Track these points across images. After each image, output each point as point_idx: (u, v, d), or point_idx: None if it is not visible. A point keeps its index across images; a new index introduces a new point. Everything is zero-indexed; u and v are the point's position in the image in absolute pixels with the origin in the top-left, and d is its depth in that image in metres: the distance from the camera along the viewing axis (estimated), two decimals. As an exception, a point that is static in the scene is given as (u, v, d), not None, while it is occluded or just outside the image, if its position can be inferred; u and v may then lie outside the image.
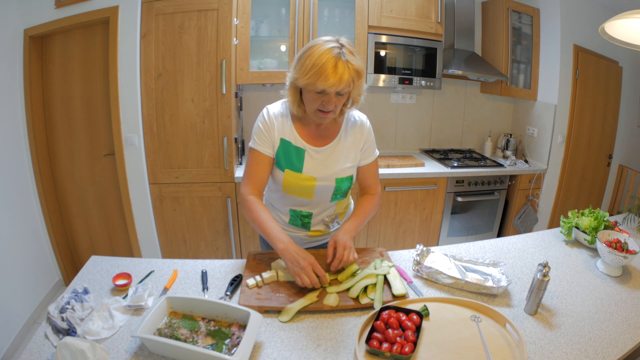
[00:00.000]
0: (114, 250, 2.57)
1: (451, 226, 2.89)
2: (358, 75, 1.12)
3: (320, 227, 1.40)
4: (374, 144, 1.38)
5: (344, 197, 1.37)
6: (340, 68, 1.06)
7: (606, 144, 3.34)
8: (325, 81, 1.06)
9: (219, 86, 2.16)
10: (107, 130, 2.28)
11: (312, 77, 1.07)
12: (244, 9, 2.25)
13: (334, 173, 1.28)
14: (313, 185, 1.27)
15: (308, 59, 1.07)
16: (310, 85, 1.09)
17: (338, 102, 1.14)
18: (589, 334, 1.03)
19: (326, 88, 1.07)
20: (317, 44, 1.09)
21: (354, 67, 1.09)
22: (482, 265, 1.30)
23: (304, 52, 1.11)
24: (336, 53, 1.07)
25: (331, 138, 1.28)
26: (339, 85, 1.07)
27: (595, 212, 1.53)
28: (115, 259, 1.30)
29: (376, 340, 0.93)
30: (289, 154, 1.26)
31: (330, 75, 1.05)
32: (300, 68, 1.10)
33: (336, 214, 1.41)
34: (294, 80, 1.14)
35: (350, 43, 1.14)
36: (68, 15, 2.06)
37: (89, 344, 0.87)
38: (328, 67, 1.05)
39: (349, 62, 1.08)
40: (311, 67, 1.06)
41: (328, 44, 1.08)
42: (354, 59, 1.10)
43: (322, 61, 1.05)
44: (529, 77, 3.05)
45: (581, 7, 2.80)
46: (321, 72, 1.05)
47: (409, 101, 3.10)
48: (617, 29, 1.33)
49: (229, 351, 0.90)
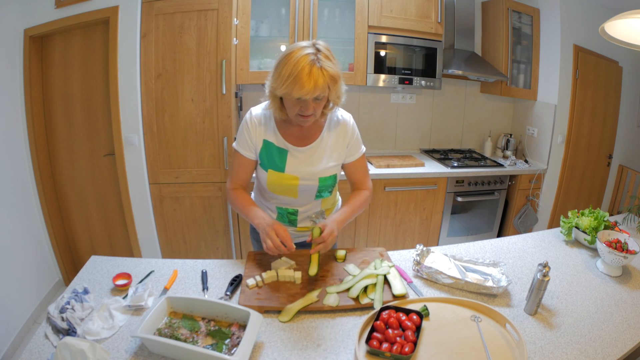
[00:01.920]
0: (114, 250, 2.57)
1: (451, 226, 2.89)
2: (333, 80, 1.12)
3: (307, 223, 1.42)
4: (359, 140, 1.38)
5: (329, 195, 1.39)
6: (315, 74, 1.07)
7: (606, 144, 3.34)
8: (300, 89, 1.07)
9: (219, 86, 2.16)
10: (107, 130, 2.28)
11: (288, 87, 1.08)
12: (244, 9, 2.25)
13: (316, 172, 1.30)
14: (296, 184, 1.30)
15: (284, 68, 1.08)
16: (287, 94, 1.11)
17: (317, 106, 1.16)
18: (589, 334, 1.03)
19: (301, 96, 1.09)
20: (293, 51, 1.10)
21: (329, 74, 1.09)
22: (482, 265, 1.30)
23: (281, 60, 1.11)
24: (311, 60, 1.07)
25: (314, 138, 1.30)
26: (314, 92, 1.08)
27: (595, 212, 1.53)
28: (115, 259, 1.31)
29: (376, 340, 0.93)
30: (272, 154, 1.29)
31: (305, 82, 1.06)
32: (278, 77, 1.10)
33: (322, 211, 1.41)
34: (273, 89, 1.15)
35: (327, 47, 1.14)
36: (68, 15, 2.06)
37: (89, 344, 0.87)
38: (303, 74, 1.06)
39: (324, 69, 1.08)
40: (287, 76, 1.07)
41: (304, 50, 1.09)
42: (330, 64, 1.10)
43: (297, 69, 1.06)
44: (529, 77, 3.05)
45: (581, 7, 2.80)
46: (296, 80, 1.06)
47: (409, 101, 3.10)
48: (617, 29, 1.33)
49: (229, 351, 0.90)
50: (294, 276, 1.18)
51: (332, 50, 1.15)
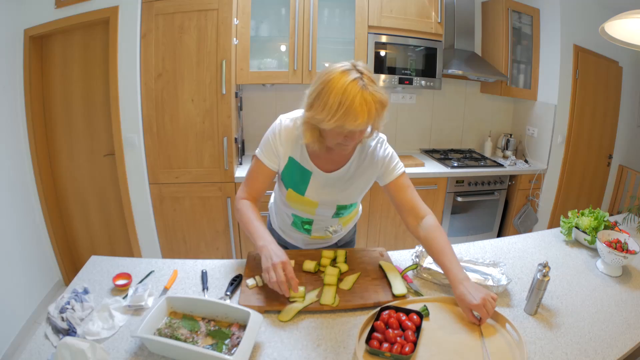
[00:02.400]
0: (114, 250, 2.57)
1: (451, 226, 2.89)
2: (382, 107, 1.01)
3: (322, 233, 1.39)
4: (393, 160, 1.24)
5: (348, 214, 1.36)
6: (368, 105, 0.96)
7: (606, 144, 3.34)
8: (354, 121, 0.96)
9: (219, 86, 2.16)
10: (107, 130, 2.28)
11: (340, 119, 0.96)
12: (244, 9, 2.25)
13: (336, 200, 1.26)
14: (314, 208, 1.28)
15: (331, 97, 0.96)
16: (338, 127, 0.99)
17: (361, 134, 1.08)
18: (589, 334, 1.03)
19: (355, 128, 0.98)
20: (335, 76, 0.97)
21: (378, 100, 0.98)
22: (482, 266, 1.30)
23: (323, 88, 0.98)
24: (361, 86, 0.96)
25: (341, 163, 1.21)
26: (368, 122, 0.99)
27: (595, 212, 1.53)
28: (115, 259, 1.30)
29: (376, 340, 0.93)
30: (295, 175, 1.22)
31: (359, 114, 0.95)
32: (324, 109, 0.97)
33: (339, 224, 1.39)
34: (317, 122, 1.02)
35: (367, 67, 1.03)
36: (68, 15, 2.06)
37: (89, 344, 0.87)
38: (355, 104, 0.94)
39: (373, 95, 0.97)
40: (338, 106, 0.95)
41: (349, 75, 0.97)
42: (377, 88, 0.99)
43: (348, 99, 0.94)
44: (529, 77, 3.05)
45: (581, 7, 2.80)
46: (349, 111, 0.95)
47: (409, 101, 3.10)
48: (617, 29, 1.33)
49: (229, 351, 0.90)
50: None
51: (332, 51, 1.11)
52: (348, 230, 1.47)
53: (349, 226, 1.46)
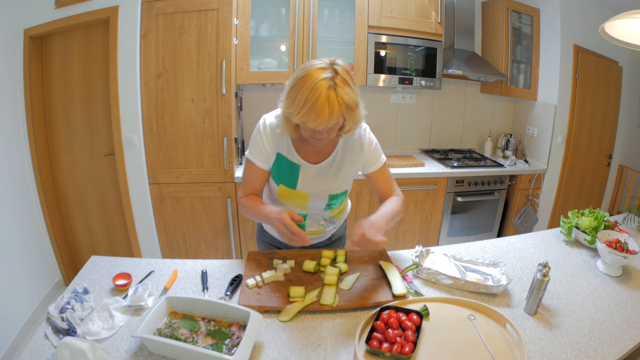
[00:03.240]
0: (114, 250, 2.57)
1: (451, 226, 2.89)
2: (349, 109, 1.04)
3: (316, 228, 1.40)
4: (378, 149, 1.30)
5: (339, 204, 1.37)
6: (332, 103, 0.99)
7: (606, 144, 3.34)
8: (315, 120, 1.00)
9: (219, 86, 2.16)
10: (107, 130, 2.28)
11: (303, 117, 1.01)
12: (244, 9, 2.25)
13: (327, 190, 1.28)
14: (307, 200, 1.29)
15: (300, 93, 1.00)
16: (302, 124, 1.05)
17: (331, 131, 1.10)
18: (589, 334, 1.03)
19: (316, 127, 1.03)
20: (309, 73, 1.01)
21: (345, 102, 1.01)
22: (482, 266, 1.30)
23: (296, 83, 1.03)
24: (329, 85, 0.99)
25: (327, 154, 1.25)
26: (329, 122, 1.02)
27: (595, 212, 1.53)
28: (115, 259, 1.30)
29: (376, 340, 0.93)
30: (284, 169, 1.25)
31: (320, 113, 0.99)
32: (292, 104, 1.03)
33: (331, 217, 1.40)
34: (288, 115, 1.08)
35: (346, 68, 1.06)
36: (68, 15, 2.06)
37: (89, 344, 0.87)
38: (319, 103, 0.98)
39: (340, 97, 1.00)
40: (303, 103, 0.99)
41: (321, 73, 1.00)
42: (347, 91, 1.02)
43: (313, 97, 0.98)
44: (529, 77, 3.05)
45: (581, 7, 2.81)
46: (312, 109, 0.99)
47: (409, 101, 3.10)
48: (617, 29, 1.33)
49: (229, 351, 0.90)
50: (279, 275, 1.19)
51: (332, 51, 1.12)
52: (340, 224, 1.49)
53: (340, 220, 1.48)
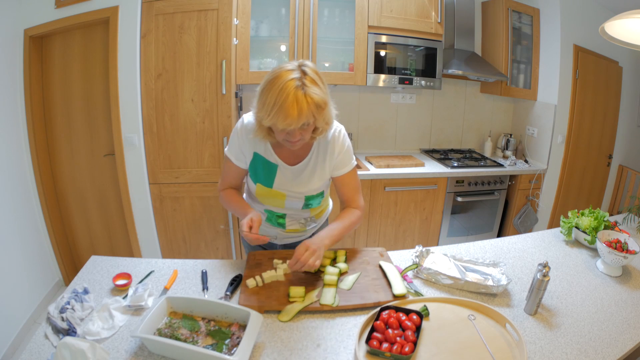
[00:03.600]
0: (114, 250, 2.57)
1: (451, 226, 2.89)
2: (319, 108, 1.06)
3: (296, 226, 1.41)
4: (349, 153, 1.30)
5: (318, 204, 1.37)
6: (300, 102, 1.01)
7: (606, 144, 3.34)
8: (284, 120, 1.02)
9: (219, 86, 2.16)
10: (107, 130, 2.28)
11: (273, 118, 1.03)
12: (244, 9, 2.25)
13: (303, 191, 1.29)
14: (283, 199, 1.31)
15: (269, 95, 1.03)
16: (273, 125, 1.07)
17: (304, 132, 1.11)
18: (589, 334, 1.03)
19: (285, 127, 1.04)
20: (278, 76, 1.04)
21: (313, 101, 1.03)
22: (482, 265, 1.30)
23: (265, 86, 1.06)
24: (296, 86, 1.02)
25: (303, 156, 1.26)
26: (298, 122, 1.03)
27: (595, 212, 1.53)
28: (115, 259, 1.31)
29: (376, 340, 0.93)
30: (261, 169, 1.27)
31: (289, 113, 1.01)
32: (263, 107, 1.05)
33: (312, 216, 1.41)
34: (260, 119, 1.10)
35: (315, 69, 1.09)
36: (68, 15, 2.06)
37: (89, 344, 0.87)
38: (287, 103, 1.00)
39: (308, 96, 1.03)
40: (272, 105, 1.02)
41: (289, 74, 1.03)
42: (315, 90, 1.05)
43: (282, 98, 1.00)
44: (529, 77, 3.05)
45: (581, 7, 2.81)
46: (280, 110, 1.01)
47: (409, 101, 3.10)
48: (617, 29, 1.33)
49: (229, 351, 0.90)
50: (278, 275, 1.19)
51: (332, 51, 1.13)
52: (321, 223, 1.50)
53: (321, 219, 1.49)
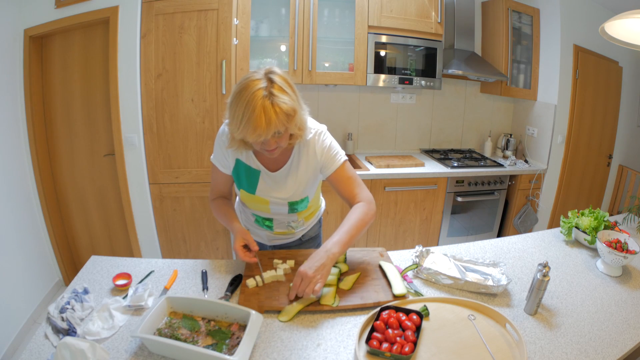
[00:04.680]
0: (114, 250, 2.57)
1: (451, 226, 2.89)
2: (288, 117, 1.04)
3: (284, 229, 1.41)
4: (333, 149, 1.25)
5: (304, 208, 1.36)
6: (268, 112, 1.00)
7: (606, 144, 3.34)
8: (254, 132, 1.01)
9: (219, 86, 2.16)
10: (107, 130, 2.28)
11: (242, 131, 1.02)
12: (244, 9, 2.25)
13: (285, 197, 1.29)
14: (267, 205, 1.31)
15: (237, 108, 1.02)
16: (245, 138, 1.06)
17: (280, 140, 1.09)
18: (589, 334, 1.03)
19: (255, 139, 1.03)
20: (244, 87, 1.02)
21: (282, 110, 1.02)
22: (482, 265, 1.30)
23: (233, 99, 1.05)
24: (263, 96, 1.00)
25: (283, 162, 1.25)
26: (268, 132, 1.02)
27: (595, 212, 1.53)
28: (115, 259, 1.30)
29: (376, 340, 0.93)
30: (243, 175, 1.27)
31: (257, 125, 0.99)
32: (232, 120, 1.05)
33: (301, 219, 1.40)
34: (232, 132, 1.10)
35: (284, 76, 1.07)
36: (68, 15, 2.06)
37: (89, 344, 0.87)
38: (255, 115, 0.99)
39: (276, 105, 1.01)
40: (241, 118, 1.01)
41: (256, 85, 1.01)
42: (284, 99, 1.02)
43: (249, 110, 0.99)
44: (529, 77, 3.05)
45: (581, 7, 2.81)
46: (249, 123, 1.00)
47: (409, 101, 3.10)
48: (617, 29, 1.33)
49: (229, 351, 0.90)
50: (279, 276, 1.19)
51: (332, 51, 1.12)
52: (311, 225, 1.50)
53: (312, 221, 1.49)
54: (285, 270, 1.21)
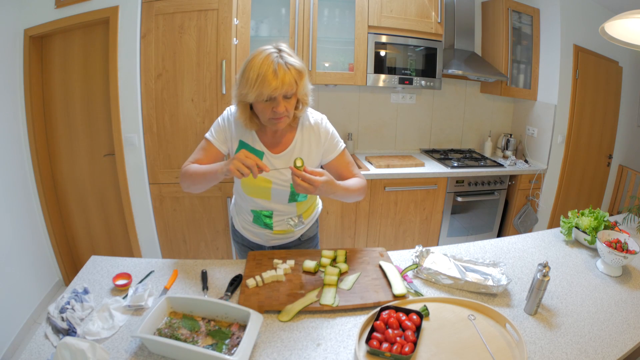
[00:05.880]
0: (114, 250, 2.57)
1: (451, 226, 2.89)
2: (300, 74, 1.14)
3: (284, 227, 1.41)
4: (335, 137, 1.35)
5: (304, 199, 1.38)
6: (281, 71, 1.09)
7: (606, 144, 3.34)
8: (269, 86, 1.08)
9: (218, 86, 2.16)
10: (107, 130, 2.28)
11: (257, 88, 1.08)
12: (244, 9, 2.25)
13: (288, 179, 1.29)
14: (269, 187, 1.31)
15: (251, 72, 1.09)
16: (259, 95, 1.10)
17: (288, 105, 1.16)
18: (589, 334, 1.03)
19: (271, 93, 1.09)
20: (255, 55, 1.12)
21: (294, 68, 1.12)
22: (482, 265, 1.31)
23: (245, 66, 1.13)
24: (274, 57, 1.10)
25: (287, 144, 1.29)
26: (282, 87, 1.09)
27: (595, 212, 1.53)
28: (115, 259, 1.31)
29: (376, 340, 0.93)
30: None
31: (272, 80, 1.08)
32: (246, 83, 1.11)
33: (299, 215, 1.41)
34: (243, 97, 1.15)
35: (289, 48, 1.17)
36: (68, 15, 2.06)
37: (89, 344, 0.87)
38: (269, 73, 1.08)
39: (288, 64, 1.11)
40: (255, 78, 1.08)
41: (266, 51, 1.12)
42: (294, 59, 1.13)
43: (263, 70, 1.08)
44: (529, 77, 3.05)
45: (581, 7, 2.81)
46: (264, 79, 1.08)
47: (409, 101, 3.10)
48: (617, 29, 1.33)
49: (229, 351, 0.90)
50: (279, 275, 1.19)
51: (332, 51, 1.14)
52: (310, 224, 1.50)
53: (310, 220, 1.49)
54: (285, 270, 1.21)
